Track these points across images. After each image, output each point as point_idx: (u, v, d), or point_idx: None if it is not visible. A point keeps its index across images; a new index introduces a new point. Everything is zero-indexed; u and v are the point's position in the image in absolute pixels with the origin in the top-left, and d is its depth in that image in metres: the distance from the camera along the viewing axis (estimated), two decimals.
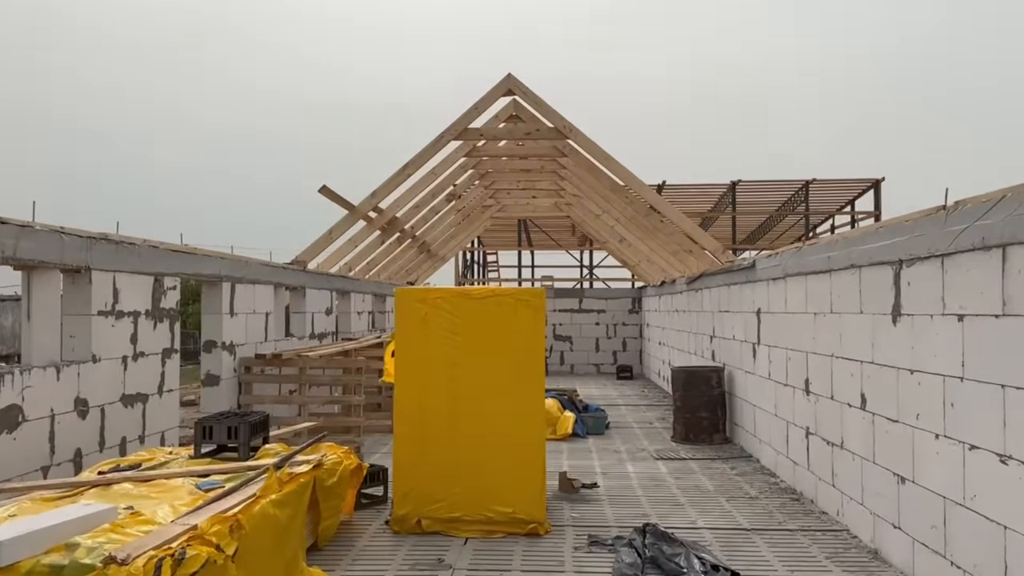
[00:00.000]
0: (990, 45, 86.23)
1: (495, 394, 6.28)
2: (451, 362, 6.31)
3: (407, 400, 6.33)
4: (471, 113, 10.83)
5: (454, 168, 12.97)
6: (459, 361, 6.31)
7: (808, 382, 6.89)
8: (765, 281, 8.10)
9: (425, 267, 17.66)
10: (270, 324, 9.36)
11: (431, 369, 6.32)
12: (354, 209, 11.08)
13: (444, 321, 6.32)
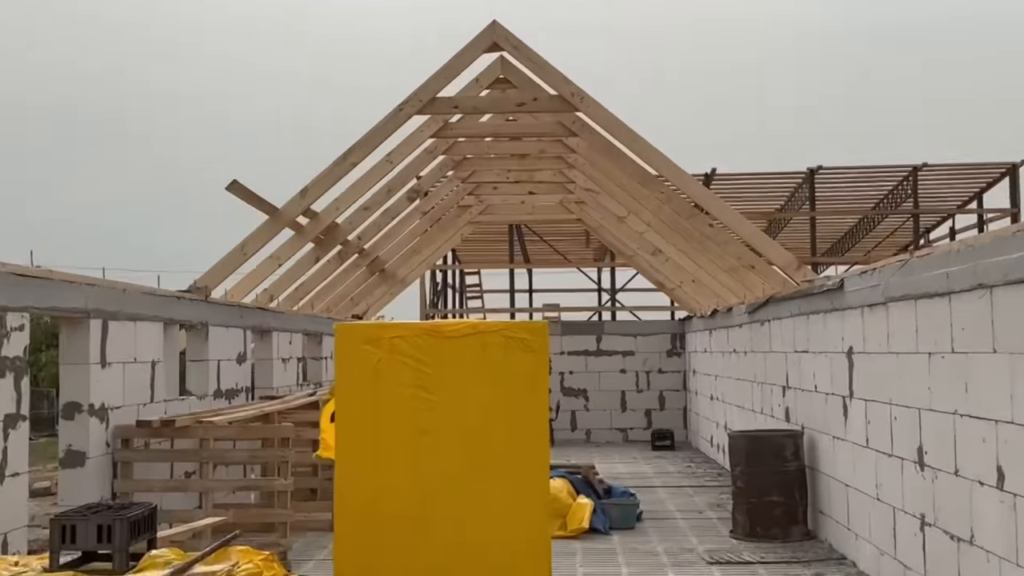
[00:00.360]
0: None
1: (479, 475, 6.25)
2: (416, 429, 6.28)
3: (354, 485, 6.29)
4: (441, 76, 10.89)
5: (418, 154, 13.03)
6: (428, 427, 6.28)
7: (922, 451, 6.89)
8: (858, 308, 8.13)
9: (379, 293, 17.68)
10: (158, 378, 9.33)
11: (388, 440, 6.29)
12: (277, 213, 11.10)
13: (406, 370, 6.30)
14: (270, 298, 12.83)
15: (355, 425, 6.34)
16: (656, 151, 10.97)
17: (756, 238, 11.06)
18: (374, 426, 6.31)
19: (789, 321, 10.55)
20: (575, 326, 20.25)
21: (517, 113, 12.61)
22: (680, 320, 20.05)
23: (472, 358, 6.34)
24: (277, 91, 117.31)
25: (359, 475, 6.30)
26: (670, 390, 19.70)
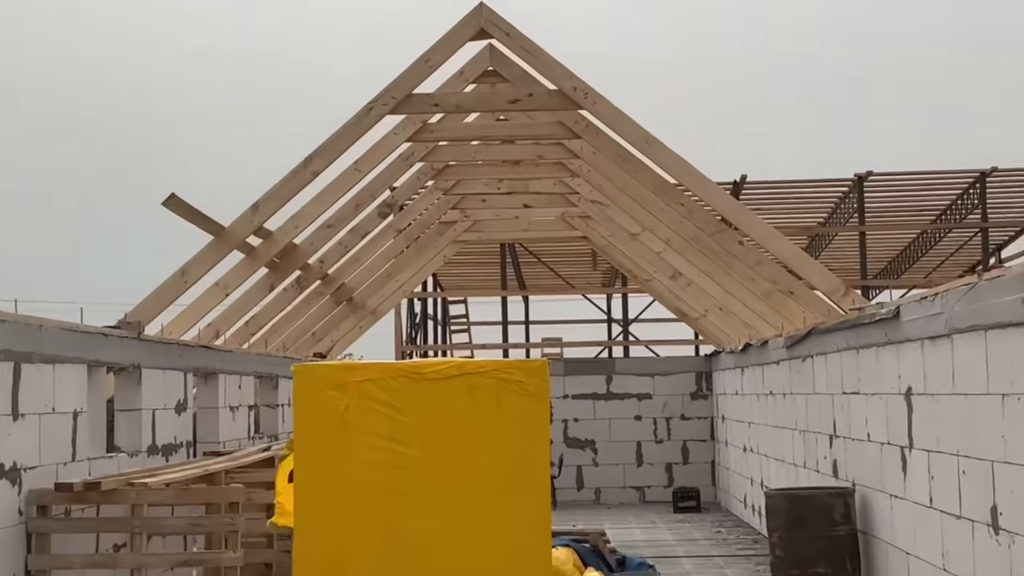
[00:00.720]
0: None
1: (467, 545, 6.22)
2: (391, 489, 6.26)
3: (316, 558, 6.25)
4: (419, 69, 10.93)
5: (391, 161, 13.05)
6: (405, 488, 6.26)
7: (996, 511, 6.88)
8: (917, 341, 8.13)
9: (346, 328, 17.66)
10: (81, 431, 9.29)
11: (357, 503, 6.26)
12: (223, 233, 11.10)
13: (378, 420, 6.28)
14: (216, 334, 12.79)
15: (318, 486, 6.31)
16: (675, 155, 10.99)
17: (795, 258, 11.08)
18: (340, 487, 6.29)
19: (835, 357, 10.54)
20: (581, 364, 20.23)
21: (509, 112, 12.62)
22: (706, 356, 20.05)
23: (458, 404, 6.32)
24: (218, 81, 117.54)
25: (322, 546, 6.27)
26: (695, 440, 19.66)
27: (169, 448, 11.22)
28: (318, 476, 6.32)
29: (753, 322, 14.47)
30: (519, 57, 11.15)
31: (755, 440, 15.37)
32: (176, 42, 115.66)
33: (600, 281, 25.70)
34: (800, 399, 12.24)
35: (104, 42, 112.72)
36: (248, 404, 13.92)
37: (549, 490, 6.46)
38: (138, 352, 10.47)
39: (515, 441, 6.32)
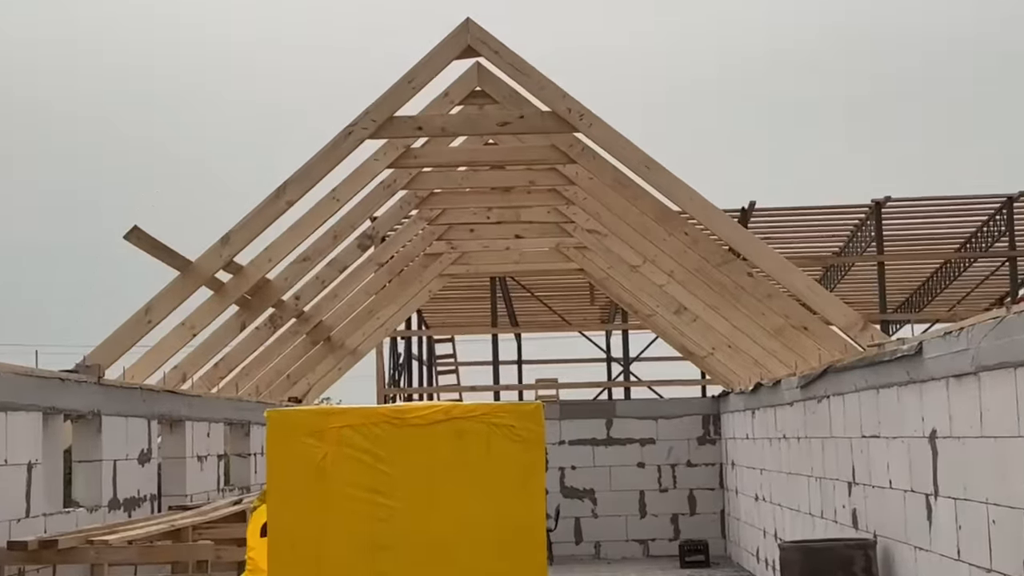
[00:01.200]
0: None
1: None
2: (373, 544, 6.24)
3: None
4: (401, 89, 10.97)
5: (372, 188, 13.08)
6: (388, 542, 6.24)
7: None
8: (942, 380, 8.13)
9: (323, 369, 17.63)
10: (36, 485, 9.24)
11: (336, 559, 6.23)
12: (190, 268, 11.10)
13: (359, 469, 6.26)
14: (182, 378, 12.76)
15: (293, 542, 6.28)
16: (678, 181, 11.02)
17: (809, 290, 11.09)
18: (318, 542, 6.26)
19: (853, 397, 10.53)
20: (579, 407, 20.20)
21: (499, 135, 12.65)
22: (714, 398, 20.03)
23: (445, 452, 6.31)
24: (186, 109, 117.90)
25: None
26: (703, 488, 19.61)
27: (132, 502, 11.16)
28: (293, 531, 6.30)
29: (764, 360, 14.46)
30: (509, 76, 11.20)
31: (768, 488, 15.33)
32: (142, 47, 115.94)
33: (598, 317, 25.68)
34: (816, 443, 12.22)
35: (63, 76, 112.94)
36: (217, 453, 13.88)
37: (545, 545, 6.43)
38: (98, 398, 10.44)
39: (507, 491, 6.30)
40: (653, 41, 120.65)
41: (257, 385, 15.40)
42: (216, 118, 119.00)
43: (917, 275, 22.76)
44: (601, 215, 14.16)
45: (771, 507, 15.10)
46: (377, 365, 21.66)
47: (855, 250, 20.95)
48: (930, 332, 8.78)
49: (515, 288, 23.21)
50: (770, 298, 12.39)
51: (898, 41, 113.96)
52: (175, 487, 12.60)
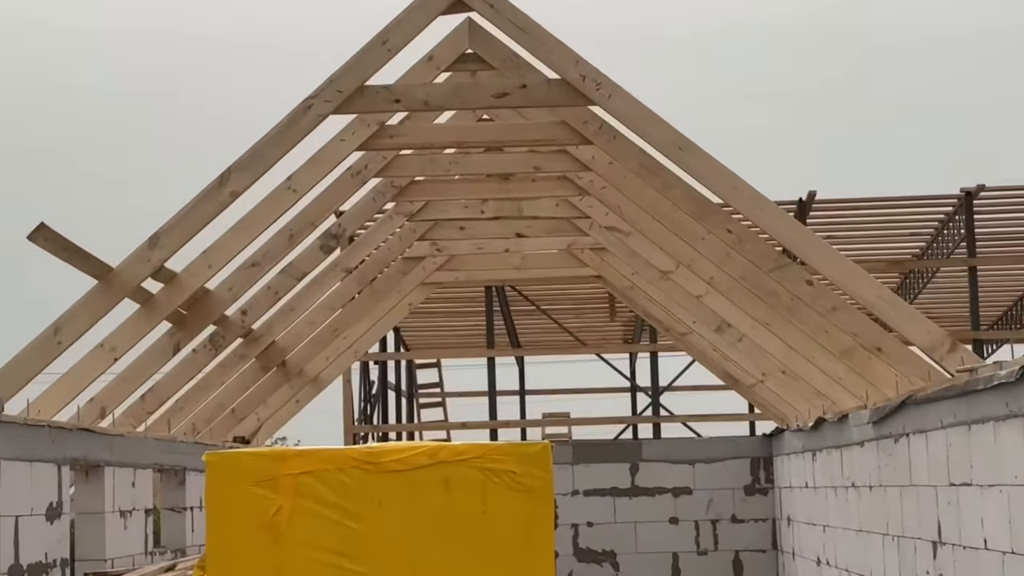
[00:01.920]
0: None
1: None
2: None
3: None
4: (374, 52, 10.96)
5: (337, 177, 13.08)
6: None
7: None
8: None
9: (276, 401, 17.62)
10: None
11: None
12: (111, 275, 11.09)
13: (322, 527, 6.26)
14: (101, 412, 12.75)
15: None
16: (720, 166, 11.01)
17: (882, 302, 11.09)
18: None
19: (940, 435, 10.53)
20: (596, 449, 20.21)
21: (496, 110, 12.65)
22: (764, 437, 20.05)
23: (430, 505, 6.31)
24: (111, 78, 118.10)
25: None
26: (751, 551, 19.62)
27: (38, 568, 11.13)
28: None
29: (827, 389, 14.46)
30: (508, 36, 11.20)
31: (833, 549, 15.33)
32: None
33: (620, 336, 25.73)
34: (892, 493, 12.21)
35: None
36: (145, 507, 13.86)
37: None
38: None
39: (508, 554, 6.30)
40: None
41: (195, 422, 15.38)
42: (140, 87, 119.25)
43: (1018, 282, 22.76)
44: (623, 209, 14.17)
45: (837, 573, 15.11)
46: (344, 397, 21.68)
47: (940, 252, 20.98)
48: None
49: (516, 300, 23.24)
50: (834, 312, 12.38)
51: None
52: (92, 550, 12.58)
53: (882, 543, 12.76)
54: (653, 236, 14.27)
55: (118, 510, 13.01)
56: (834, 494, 15.10)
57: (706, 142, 11.07)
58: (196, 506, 15.07)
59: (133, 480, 13.45)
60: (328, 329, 17.17)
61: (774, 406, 18.25)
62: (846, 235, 20.47)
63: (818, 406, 15.31)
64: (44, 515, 11.31)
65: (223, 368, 15.14)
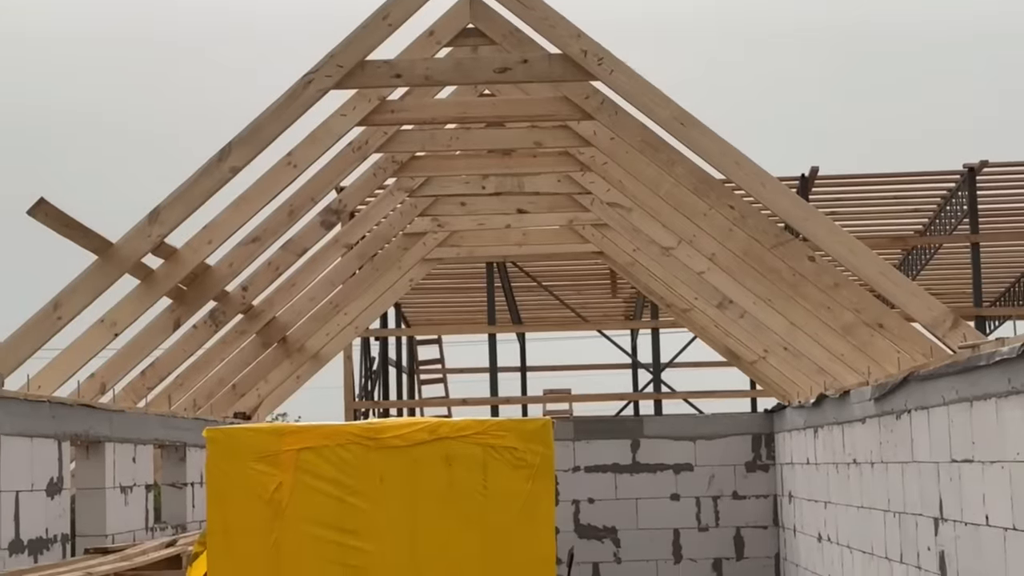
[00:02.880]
0: None
1: None
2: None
3: None
4: (375, 27, 10.95)
5: (338, 152, 13.07)
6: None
7: None
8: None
9: (277, 377, 17.63)
10: None
11: None
12: (111, 250, 11.09)
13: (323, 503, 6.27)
14: (101, 388, 12.76)
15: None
16: (722, 141, 11.01)
17: (885, 278, 11.09)
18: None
19: (941, 412, 10.54)
20: (597, 425, 20.22)
21: (497, 85, 12.63)
22: (766, 413, 20.06)
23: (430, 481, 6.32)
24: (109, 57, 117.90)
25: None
26: (752, 527, 19.64)
27: (38, 544, 11.16)
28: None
29: (829, 366, 14.47)
30: (509, 10, 11.19)
31: (834, 526, 15.35)
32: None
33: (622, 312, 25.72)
34: (894, 470, 12.23)
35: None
36: (145, 483, 13.89)
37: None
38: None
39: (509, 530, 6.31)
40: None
41: (195, 398, 15.40)
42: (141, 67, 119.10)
43: (1020, 259, 22.75)
44: (625, 184, 14.16)
45: (838, 549, 15.13)
46: (345, 373, 21.68)
47: (943, 228, 20.96)
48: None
49: (518, 276, 23.22)
50: (837, 288, 12.39)
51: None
52: (92, 525, 12.60)
53: (883, 519, 12.77)
54: (655, 212, 14.26)
55: (119, 486, 13.04)
56: (835, 470, 15.11)
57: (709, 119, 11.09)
58: (197, 482, 15.09)
59: (134, 456, 13.47)
60: (329, 305, 17.18)
61: (776, 382, 18.27)
62: (848, 211, 20.44)
63: (820, 382, 15.32)
64: (45, 490, 11.33)
65: (224, 344, 15.16)
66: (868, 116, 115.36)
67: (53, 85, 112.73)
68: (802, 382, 16.44)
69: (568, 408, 23.56)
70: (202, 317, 13.93)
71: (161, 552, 11.26)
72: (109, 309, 11.91)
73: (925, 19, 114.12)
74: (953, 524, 10.41)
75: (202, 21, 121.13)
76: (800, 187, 18.73)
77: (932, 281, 22.12)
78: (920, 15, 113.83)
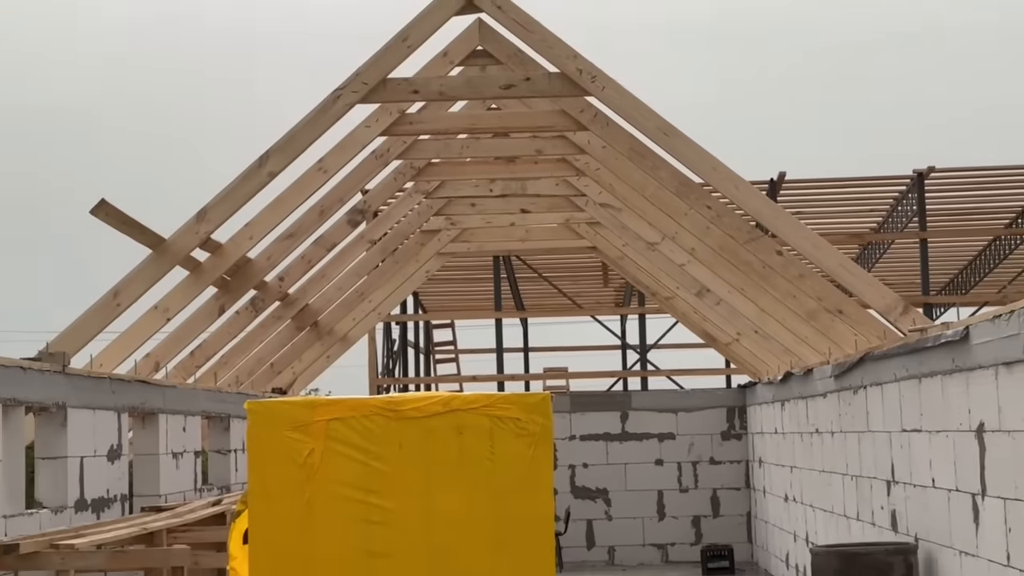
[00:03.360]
0: None
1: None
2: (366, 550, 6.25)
3: None
4: (395, 49, 10.95)
5: (363, 158, 13.08)
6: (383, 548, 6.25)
7: None
8: (990, 368, 8.13)
9: (309, 357, 17.64)
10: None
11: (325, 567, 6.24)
12: (163, 246, 11.10)
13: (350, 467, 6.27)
14: (155, 366, 12.77)
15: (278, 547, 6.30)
16: (700, 149, 11.00)
17: (844, 270, 11.09)
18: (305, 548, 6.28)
19: (893, 387, 10.54)
20: (591, 399, 20.21)
21: (503, 99, 12.62)
22: (739, 388, 20.05)
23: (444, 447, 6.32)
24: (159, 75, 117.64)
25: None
26: (727, 488, 19.64)
27: (100, 503, 11.18)
28: (278, 535, 6.31)
29: (795, 347, 14.46)
30: (514, 34, 11.18)
31: (799, 487, 15.35)
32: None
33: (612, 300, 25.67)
34: (852, 438, 12.23)
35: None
36: (194, 449, 13.90)
37: (553, 549, 6.44)
38: (62, 389, 10.45)
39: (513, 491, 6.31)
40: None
41: (237, 375, 15.41)
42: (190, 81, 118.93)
43: (963, 253, 22.73)
44: (615, 187, 14.15)
45: (802, 508, 15.13)
46: (369, 353, 21.67)
47: (895, 226, 20.93)
48: (978, 316, 8.78)
49: (521, 268, 23.21)
50: (801, 279, 12.38)
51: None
52: (148, 486, 12.62)
53: (842, 482, 12.78)
54: (641, 211, 14.26)
55: (171, 452, 13.06)
56: (800, 439, 15.11)
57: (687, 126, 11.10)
58: (239, 448, 15.11)
59: (184, 426, 13.49)
60: (355, 293, 17.19)
61: (748, 362, 18.27)
62: (812, 211, 20.42)
63: (787, 362, 15.32)
64: (106, 456, 11.36)
65: (263, 328, 15.17)
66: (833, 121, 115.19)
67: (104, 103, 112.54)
68: (771, 361, 16.44)
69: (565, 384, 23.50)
70: (244, 304, 13.93)
71: (208, 510, 11.29)
72: (162, 297, 11.92)
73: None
74: (903, 486, 10.41)
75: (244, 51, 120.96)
76: (769, 189, 18.71)
77: (885, 272, 22.09)
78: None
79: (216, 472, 15.04)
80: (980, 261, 22.72)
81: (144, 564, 9.28)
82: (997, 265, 22.45)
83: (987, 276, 22.93)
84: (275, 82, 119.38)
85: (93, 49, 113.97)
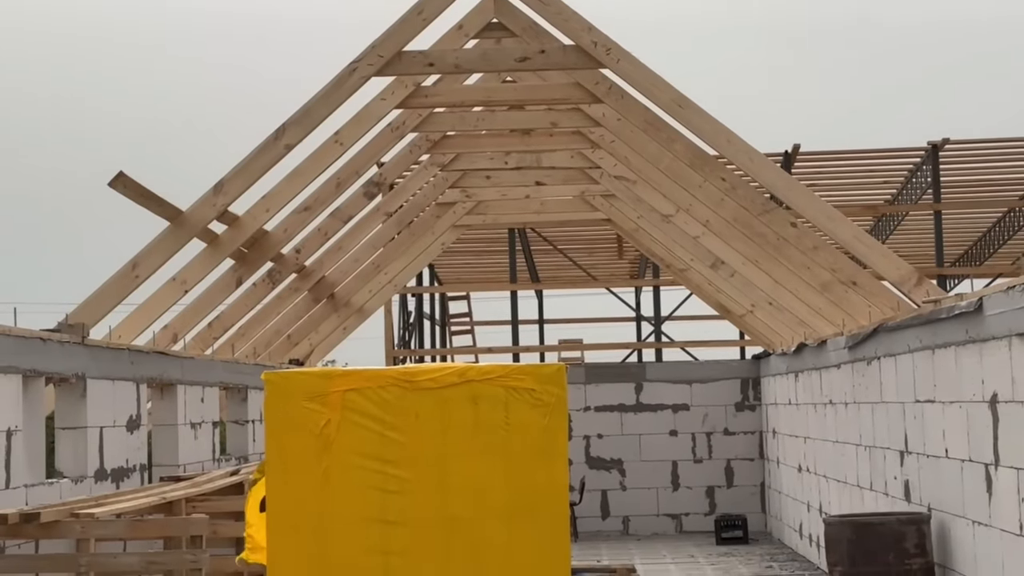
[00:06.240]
0: None
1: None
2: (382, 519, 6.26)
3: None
4: (411, 22, 10.93)
5: (379, 131, 13.07)
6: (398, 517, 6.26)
7: None
8: (1004, 339, 8.11)
9: (326, 329, 17.68)
10: (16, 453, 9.31)
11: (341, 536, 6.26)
12: (181, 218, 11.12)
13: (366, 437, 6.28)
14: (173, 338, 12.81)
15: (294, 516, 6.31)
16: (715, 121, 10.99)
17: (858, 242, 11.07)
18: (321, 517, 6.29)
19: (907, 359, 10.53)
20: (605, 371, 20.23)
21: (518, 72, 12.60)
22: (753, 360, 20.04)
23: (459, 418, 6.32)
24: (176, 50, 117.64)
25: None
26: (741, 459, 19.65)
27: (120, 472, 11.23)
28: (295, 504, 6.33)
29: (809, 319, 14.45)
30: (528, 6, 11.15)
31: (812, 458, 15.36)
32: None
33: (627, 272, 25.68)
34: (865, 409, 12.23)
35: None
36: (212, 420, 13.95)
37: (568, 519, 6.46)
38: (82, 360, 10.49)
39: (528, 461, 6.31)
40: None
41: (255, 346, 15.45)
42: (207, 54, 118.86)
43: (977, 225, 22.68)
44: (630, 160, 14.13)
45: (816, 479, 15.14)
46: (385, 325, 21.71)
47: (909, 198, 20.87)
48: (992, 287, 8.76)
49: (536, 240, 23.21)
50: (815, 250, 12.36)
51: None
52: (167, 456, 12.68)
53: (855, 453, 12.79)
54: (656, 184, 14.24)
55: (189, 422, 13.11)
56: (814, 410, 15.12)
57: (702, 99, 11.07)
58: (256, 419, 15.16)
59: (202, 397, 13.53)
60: (371, 265, 17.21)
61: (762, 333, 18.26)
62: (826, 183, 20.37)
63: (800, 333, 15.31)
64: (125, 426, 11.40)
65: (279, 299, 15.20)
66: (848, 93, 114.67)
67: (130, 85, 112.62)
68: (785, 333, 16.43)
69: (580, 355, 23.53)
70: (261, 276, 13.96)
71: (226, 480, 11.33)
72: (180, 269, 11.95)
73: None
74: (916, 456, 10.42)
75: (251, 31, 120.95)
76: (784, 161, 18.66)
77: (899, 244, 22.04)
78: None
79: (234, 442, 15.10)
80: (994, 233, 22.66)
81: (163, 533, 9.32)
82: (1011, 237, 22.40)
83: (1001, 248, 22.89)
84: (291, 57, 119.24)
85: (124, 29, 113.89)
